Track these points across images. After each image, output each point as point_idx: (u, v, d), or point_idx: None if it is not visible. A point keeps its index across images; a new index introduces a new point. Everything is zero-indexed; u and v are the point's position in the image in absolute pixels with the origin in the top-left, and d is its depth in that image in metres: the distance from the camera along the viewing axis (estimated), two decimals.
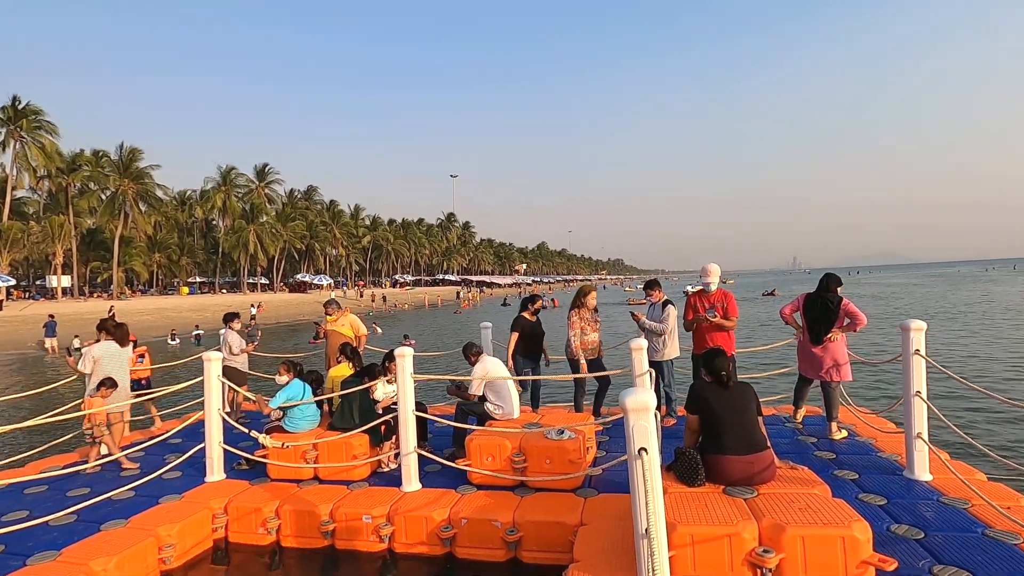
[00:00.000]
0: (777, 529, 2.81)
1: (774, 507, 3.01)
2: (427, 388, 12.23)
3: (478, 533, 4.05)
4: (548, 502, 4.22)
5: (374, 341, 23.22)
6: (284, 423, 5.36)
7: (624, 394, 2.54)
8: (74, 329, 26.81)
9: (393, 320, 39.86)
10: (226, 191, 61.67)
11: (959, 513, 3.59)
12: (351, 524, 4.29)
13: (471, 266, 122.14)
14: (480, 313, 45.08)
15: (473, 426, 5.21)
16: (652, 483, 2.31)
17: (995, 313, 25.92)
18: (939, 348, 15.96)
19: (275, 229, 63.45)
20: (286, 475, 5.01)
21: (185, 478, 5.16)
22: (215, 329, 11.43)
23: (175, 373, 13.91)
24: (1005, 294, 39.45)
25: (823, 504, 3.01)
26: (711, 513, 2.97)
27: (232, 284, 70.75)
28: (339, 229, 77.90)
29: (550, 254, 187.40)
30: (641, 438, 2.43)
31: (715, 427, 3.45)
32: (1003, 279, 63.25)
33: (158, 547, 4.02)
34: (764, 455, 3.38)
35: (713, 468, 3.41)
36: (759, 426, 3.49)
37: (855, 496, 3.90)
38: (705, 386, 3.65)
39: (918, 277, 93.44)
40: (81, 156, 49.30)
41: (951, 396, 9.21)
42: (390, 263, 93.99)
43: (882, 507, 3.74)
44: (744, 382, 3.68)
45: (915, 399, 4.16)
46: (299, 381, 5.50)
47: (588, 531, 3.65)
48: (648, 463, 2.34)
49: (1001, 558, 3.03)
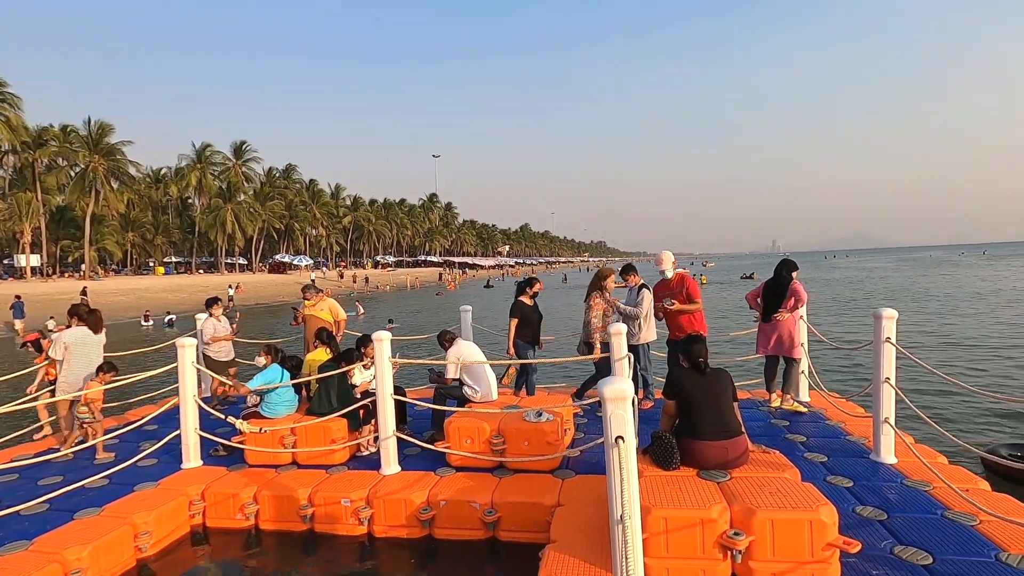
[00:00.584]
0: (748, 512, 2.89)
1: (746, 491, 3.09)
2: (407, 371, 12.24)
3: (457, 515, 4.10)
4: (526, 483, 4.28)
5: (357, 324, 23.15)
6: (261, 408, 5.33)
7: (602, 383, 2.57)
8: (44, 310, 26.17)
9: (375, 302, 39.64)
10: (201, 169, 60.15)
11: (921, 495, 3.72)
12: (330, 508, 4.31)
13: (454, 247, 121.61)
14: (462, 295, 45.07)
15: (453, 408, 5.24)
16: (628, 471, 2.35)
17: (966, 298, 26.67)
18: (911, 331, 16.42)
19: (253, 208, 62.23)
20: (264, 460, 5.00)
21: (161, 465, 5.11)
22: (191, 311, 11.25)
23: (152, 357, 13.68)
24: (974, 279, 40.59)
25: (792, 488, 3.10)
26: (685, 497, 3.04)
27: (210, 264, 69.46)
28: (319, 209, 76.75)
29: (533, 236, 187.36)
30: (618, 426, 2.46)
31: (691, 412, 3.51)
32: (973, 264, 65.03)
33: (134, 534, 3.99)
34: (738, 440, 3.46)
35: (688, 452, 3.48)
36: (734, 412, 3.56)
37: (824, 478, 4.02)
38: (683, 372, 3.71)
39: (892, 261, 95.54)
40: (48, 131, 47.55)
41: (921, 379, 9.49)
42: (372, 244, 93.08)
43: (848, 489, 3.86)
44: (720, 368, 3.74)
45: (884, 385, 4.28)
46: (277, 366, 5.46)
47: (565, 512, 3.72)
48: (624, 451, 2.38)
49: (958, 539, 3.16)
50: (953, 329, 16.98)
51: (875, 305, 24.40)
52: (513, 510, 4.01)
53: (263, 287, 48.07)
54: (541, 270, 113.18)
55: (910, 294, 29.79)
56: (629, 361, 4.58)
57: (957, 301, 25.06)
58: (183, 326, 22.43)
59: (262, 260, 70.37)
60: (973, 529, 3.25)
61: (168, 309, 30.43)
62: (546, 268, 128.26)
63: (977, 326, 17.30)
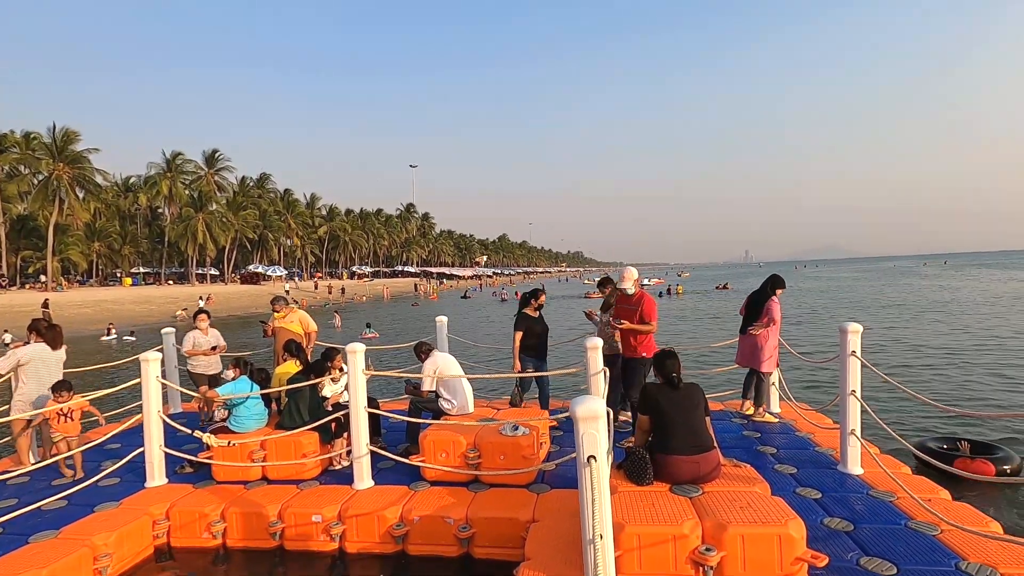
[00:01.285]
0: (719, 528, 2.92)
1: (717, 506, 3.12)
2: (382, 382, 12.10)
3: (431, 530, 4.04)
4: (501, 498, 4.25)
5: (334, 336, 22.81)
6: (230, 423, 5.20)
7: (575, 402, 2.58)
8: (2, 323, 25.19)
9: (351, 313, 39.16)
10: (172, 177, 58.91)
11: (886, 506, 3.81)
12: (301, 524, 4.21)
13: (431, 257, 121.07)
14: (438, 306, 44.85)
15: (428, 421, 5.19)
16: (600, 491, 2.35)
17: (929, 306, 27.55)
18: (879, 340, 16.88)
19: (225, 218, 61.12)
20: (232, 476, 4.87)
21: (124, 484, 4.94)
22: (159, 324, 10.94)
23: (116, 373, 13.25)
24: (936, 288, 41.99)
25: (762, 502, 3.14)
26: (658, 512, 3.06)
27: (180, 275, 67.87)
28: (294, 219, 75.77)
29: (511, 246, 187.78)
30: (591, 446, 2.47)
31: (664, 427, 3.55)
32: (936, 275, 67.37)
33: (93, 557, 3.83)
34: (710, 455, 3.50)
35: (661, 467, 3.50)
36: (706, 426, 3.61)
37: (793, 491, 4.08)
38: (656, 387, 3.74)
39: (860, 271, 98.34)
40: (9, 137, 46.12)
41: (884, 389, 9.73)
42: (348, 254, 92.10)
43: (817, 500, 3.93)
44: (693, 383, 3.78)
45: (850, 398, 4.38)
46: (246, 379, 5.34)
47: (540, 528, 3.70)
48: (596, 471, 2.38)
49: (921, 548, 3.23)
50: (914, 335, 17.51)
51: (844, 315, 25.10)
52: (488, 526, 3.98)
53: (235, 298, 47.10)
54: (519, 280, 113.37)
55: (876, 303, 30.69)
56: (605, 376, 4.60)
57: (920, 310, 25.88)
58: (148, 342, 21.72)
59: (234, 271, 69.01)
60: (935, 539, 3.33)
61: (132, 323, 29.54)
62: (523, 278, 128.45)
63: (938, 333, 17.87)
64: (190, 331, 7.05)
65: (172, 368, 7.37)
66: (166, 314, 35.77)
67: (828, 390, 10.25)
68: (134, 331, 25.94)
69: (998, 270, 75.07)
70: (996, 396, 10.11)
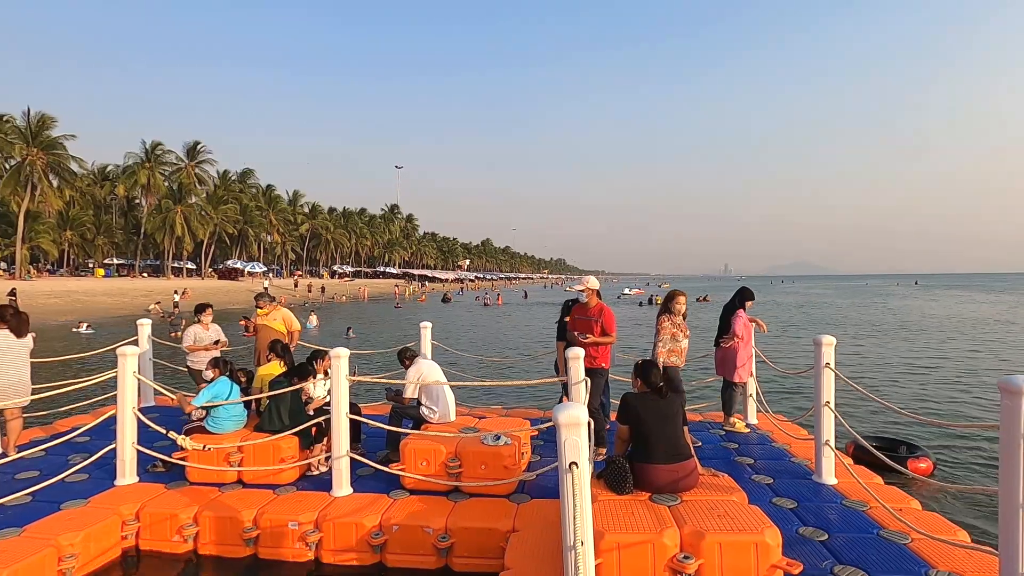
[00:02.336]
0: (697, 536, 2.96)
1: (695, 514, 3.16)
2: (362, 387, 11.98)
3: (409, 540, 4.00)
4: (481, 508, 4.23)
5: (310, 336, 22.52)
6: (207, 424, 5.09)
7: (557, 409, 2.59)
8: None
9: (331, 312, 38.72)
10: (151, 168, 57.68)
11: (859, 515, 3.90)
12: (276, 531, 4.14)
13: (413, 259, 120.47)
14: (422, 309, 44.59)
15: (407, 429, 5.15)
16: (581, 498, 2.36)
17: (907, 325, 28.25)
18: (855, 351, 17.27)
19: (205, 211, 60.05)
20: (207, 479, 4.77)
21: (92, 481, 4.81)
22: (132, 316, 10.68)
23: (84, 365, 12.91)
24: (909, 308, 43.10)
25: (739, 511, 3.19)
26: (637, 521, 3.08)
27: (155, 268, 66.40)
28: (275, 215, 74.75)
29: (494, 251, 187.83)
30: (572, 452, 2.48)
31: (643, 436, 3.58)
32: (908, 295, 69.30)
33: (58, 557, 3.72)
34: (688, 464, 3.54)
35: (640, 476, 3.54)
36: (684, 436, 3.65)
37: (769, 500, 4.15)
38: (636, 396, 3.78)
39: (833, 288, 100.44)
40: None
41: (859, 400, 9.95)
42: (329, 253, 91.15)
43: (792, 510, 4.00)
44: (671, 392, 3.83)
45: (824, 409, 4.47)
46: (226, 379, 5.24)
47: (520, 538, 3.70)
48: (578, 478, 2.40)
49: (892, 557, 3.32)
50: (887, 352, 17.95)
51: (822, 330, 25.56)
52: (467, 536, 3.95)
53: (211, 293, 46.19)
54: (502, 285, 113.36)
55: (852, 321, 31.38)
56: (586, 385, 4.62)
57: (894, 328, 26.53)
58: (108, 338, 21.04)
59: (212, 265, 67.79)
60: (905, 547, 3.42)
61: (103, 316, 28.72)
62: (506, 283, 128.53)
63: (910, 350, 18.34)
64: (191, 326, 6.93)
65: (147, 361, 7.20)
66: (139, 307, 34.92)
67: (805, 401, 10.44)
68: (86, 322, 24.99)
69: (961, 291, 78.07)
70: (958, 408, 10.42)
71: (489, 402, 10.44)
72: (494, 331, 28.13)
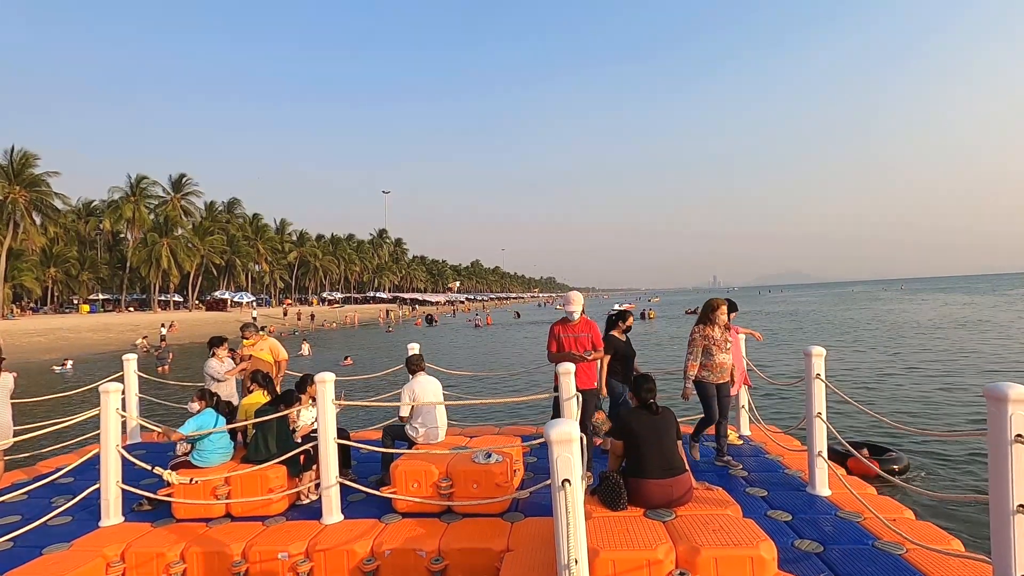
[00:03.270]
0: (692, 551, 2.93)
1: (691, 529, 3.14)
2: (354, 412, 11.84)
3: (402, 564, 3.92)
4: (474, 528, 4.17)
5: (303, 364, 22.29)
6: (192, 457, 4.99)
7: (548, 425, 2.58)
8: None
9: (322, 340, 38.40)
10: (136, 201, 57.45)
11: (853, 526, 3.88)
12: (265, 563, 4.03)
13: (403, 283, 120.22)
14: (414, 332, 44.37)
15: (400, 451, 5.09)
16: (575, 515, 2.34)
17: (892, 330, 28.54)
18: (848, 362, 17.37)
19: (191, 243, 59.74)
20: (194, 514, 4.66)
21: (76, 523, 4.67)
22: (119, 351, 10.54)
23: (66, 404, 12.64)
24: (894, 312, 43.59)
25: (734, 525, 3.17)
26: (632, 538, 3.05)
27: (141, 302, 65.67)
28: (263, 244, 74.55)
29: (484, 272, 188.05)
30: (565, 469, 2.46)
31: (637, 452, 3.57)
32: (893, 299, 70.14)
33: None
34: (682, 479, 3.52)
35: (635, 491, 3.52)
36: (678, 450, 3.64)
37: (764, 513, 4.12)
38: (630, 412, 3.77)
39: (821, 296, 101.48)
40: None
41: (851, 413, 9.99)
42: (318, 280, 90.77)
43: (787, 523, 3.97)
44: (665, 407, 3.83)
45: (816, 419, 4.48)
46: (211, 411, 5.16)
47: (514, 557, 3.64)
48: (571, 495, 2.38)
49: (888, 568, 3.29)
50: (873, 357, 18.09)
51: (813, 338, 25.85)
52: (461, 557, 3.89)
53: (199, 325, 45.72)
54: (492, 306, 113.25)
55: (839, 327, 31.67)
56: (578, 400, 4.60)
57: (881, 332, 26.78)
58: (88, 375, 20.62)
59: (199, 297, 67.19)
60: (900, 558, 3.40)
61: (89, 352, 28.24)
62: (497, 304, 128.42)
63: (897, 353, 18.51)
64: (208, 364, 6.80)
65: (133, 397, 7.08)
66: (125, 342, 34.44)
67: (797, 412, 10.46)
68: (71, 360, 24.62)
69: (942, 293, 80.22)
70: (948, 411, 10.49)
71: (480, 420, 10.36)
72: (483, 351, 28.06)
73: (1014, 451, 2.54)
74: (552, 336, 5.65)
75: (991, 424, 2.61)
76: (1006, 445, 2.54)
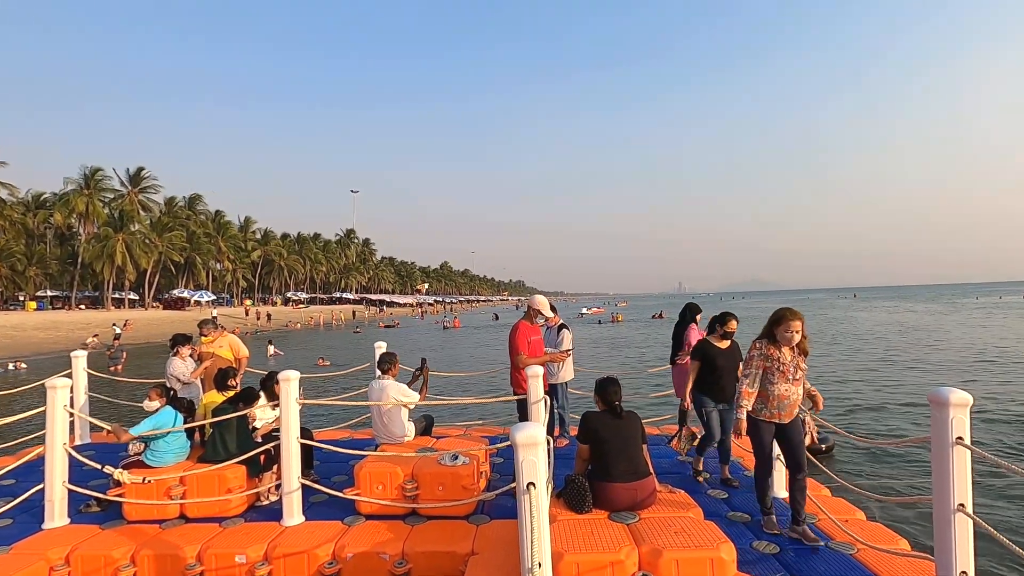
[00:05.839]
0: (655, 553, 2.98)
1: (653, 532, 3.19)
2: (317, 411, 11.61)
3: (365, 567, 3.85)
4: (439, 531, 4.13)
5: (267, 366, 21.73)
6: (146, 457, 4.80)
7: (514, 428, 2.58)
8: None
9: (288, 340, 37.58)
10: (90, 195, 55.09)
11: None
12: (222, 566, 3.90)
13: (371, 284, 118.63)
14: (382, 333, 43.80)
15: (364, 452, 5.00)
16: (539, 519, 2.35)
17: (847, 336, 29.61)
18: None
19: (149, 239, 57.65)
20: (146, 515, 4.48)
21: (17, 526, 4.44)
22: (66, 350, 10.07)
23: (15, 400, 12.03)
24: (851, 319, 45.30)
25: (696, 527, 3.24)
26: (596, 540, 3.08)
27: (93, 299, 62.95)
28: (225, 242, 72.46)
29: (453, 274, 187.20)
30: (530, 473, 2.47)
31: (603, 455, 3.61)
32: (848, 306, 73.11)
33: None
34: (646, 482, 3.58)
35: (600, 494, 3.55)
36: (643, 454, 3.70)
37: (725, 514, 4.21)
38: (596, 415, 3.81)
39: (782, 302, 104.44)
40: None
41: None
42: (283, 279, 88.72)
43: (747, 524, 4.06)
44: (631, 411, 3.88)
45: None
46: (170, 409, 4.96)
47: (478, 561, 3.61)
48: (536, 498, 2.38)
49: (840, 568, 3.40)
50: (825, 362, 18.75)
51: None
52: (425, 560, 3.84)
53: (156, 324, 44.07)
54: (461, 308, 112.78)
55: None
56: (546, 404, 4.62)
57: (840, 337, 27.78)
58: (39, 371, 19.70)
59: (157, 295, 64.84)
60: (851, 557, 3.52)
61: (36, 351, 26.90)
62: (470, 306, 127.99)
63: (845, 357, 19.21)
64: (171, 363, 6.52)
65: (83, 396, 6.78)
66: (75, 341, 32.91)
67: None
68: (22, 370, 23.46)
69: (890, 302, 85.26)
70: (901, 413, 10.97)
71: (447, 422, 10.30)
72: (457, 352, 27.95)
73: (955, 453, 2.66)
74: (522, 339, 5.63)
75: (934, 427, 2.74)
76: (947, 447, 2.67)
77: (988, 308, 56.52)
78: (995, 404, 11.88)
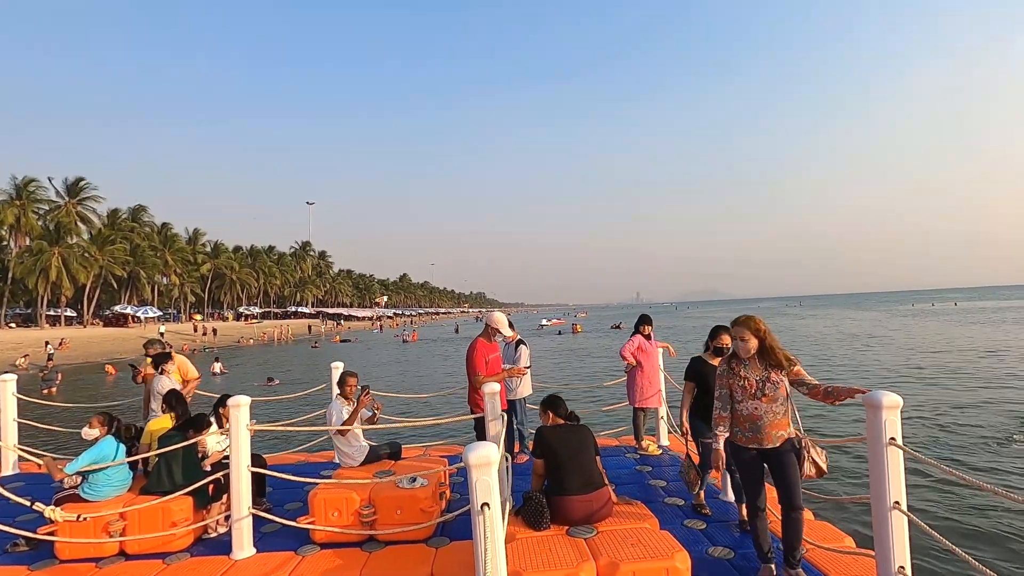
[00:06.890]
0: (612, 567, 3.00)
1: (610, 545, 3.22)
2: (270, 437, 11.22)
3: None
4: (397, 556, 4.03)
5: (214, 385, 20.86)
6: (82, 490, 4.49)
7: (467, 449, 2.57)
8: None
9: (239, 357, 36.22)
10: (21, 206, 51.96)
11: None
12: None
13: (328, 298, 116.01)
14: (340, 349, 42.80)
15: (317, 480, 4.86)
16: (493, 540, 2.34)
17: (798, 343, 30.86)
18: None
19: (88, 253, 54.75)
20: (81, 554, 4.20)
21: None
22: None
23: None
24: (800, 326, 47.24)
25: (651, 537, 3.29)
26: (554, 557, 3.09)
27: (26, 316, 59.18)
28: (172, 255, 69.57)
29: (412, 287, 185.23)
30: (483, 493, 2.46)
31: (557, 468, 3.63)
32: (794, 314, 76.40)
33: None
34: (601, 493, 3.62)
35: (557, 509, 3.57)
36: (596, 465, 3.74)
37: (681, 523, 4.29)
38: (548, 429, 3.83)
39: (736, 311, 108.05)
40: None
41: None
42: (235, 293, 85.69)
43: (702, 531, 4.16)
44: (583, 424, 3.92)
45: None
46: (112, 439, 4.63)
47: None
48: (489, 519, 2.37)
49: None
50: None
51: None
52: None
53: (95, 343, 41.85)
54: (421, 321, 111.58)
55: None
56: (503, 419, 4.61)
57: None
58: None
59: (97, 312, 61.52)
60: (803, 558, 3.64)
61: None
62: (430, 319, 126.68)
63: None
64: (160, 377, 6.02)
65: (10, 423, 6.34)
66: (3, 362, 30.84)
67: None
68: None
69: (837, 309, 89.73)
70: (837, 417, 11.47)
71: (407, 441, 10.15)
72: (413, 364, 27.61)
73: (889, 453, 2.81)
74: (480, 358, 5.44)
75: (869, 429, 2.88)
76: (882, 448, 2.82)
77: (918, 315, 60.56)
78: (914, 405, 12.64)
